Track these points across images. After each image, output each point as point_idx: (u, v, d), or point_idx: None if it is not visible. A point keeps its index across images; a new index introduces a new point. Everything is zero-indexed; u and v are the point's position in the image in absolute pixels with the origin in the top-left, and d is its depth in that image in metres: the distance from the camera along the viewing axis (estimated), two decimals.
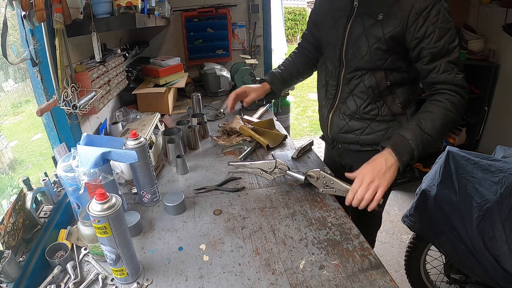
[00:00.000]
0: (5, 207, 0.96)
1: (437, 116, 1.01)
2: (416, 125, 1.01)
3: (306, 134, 4.61)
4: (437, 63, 1.01)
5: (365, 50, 1.08)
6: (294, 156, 1.36)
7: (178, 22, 2.61)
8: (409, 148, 0.99)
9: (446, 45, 0.98)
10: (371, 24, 1.05)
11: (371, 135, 1.20)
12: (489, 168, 1.28)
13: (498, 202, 1.23)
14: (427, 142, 1.00)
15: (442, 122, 1.01)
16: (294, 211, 1.07)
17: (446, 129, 1.03)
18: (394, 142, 1.01)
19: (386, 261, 2.18)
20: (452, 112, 1.01)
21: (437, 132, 1.01)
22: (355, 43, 1.10)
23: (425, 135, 1.00)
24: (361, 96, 1.16)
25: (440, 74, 1.02)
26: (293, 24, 11.09)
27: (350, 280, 0.80)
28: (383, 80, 1.11)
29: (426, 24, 0.97)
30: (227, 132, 1.64)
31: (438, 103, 1.03)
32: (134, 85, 1.99)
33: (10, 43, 1.08)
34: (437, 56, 1.00)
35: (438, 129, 1.01)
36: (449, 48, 0.99)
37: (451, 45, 0.99)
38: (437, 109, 1.02)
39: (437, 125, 1.00)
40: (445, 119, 1.01)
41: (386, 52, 1.06)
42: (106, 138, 1.13)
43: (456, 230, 1.38)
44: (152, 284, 0.82)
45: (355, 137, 1.22)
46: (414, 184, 2.87)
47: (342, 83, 1.19)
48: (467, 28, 2.84)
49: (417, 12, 0.97)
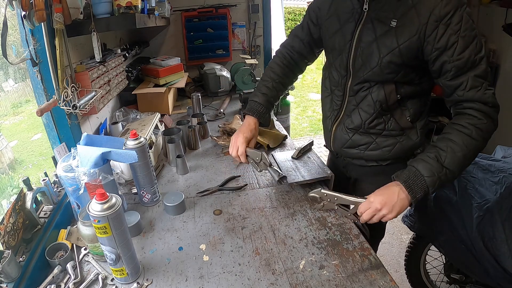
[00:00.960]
0: (5, 207, 0.96)
1: (459, 147, 0.89)
2: (435, 157, 0.89)
3: (306, 134, 4.61)
4: (464, 78, 0.89)
5: (375, 62, 0.97)
6: (294, 156, 1.36)
7: (178, 22, 2.61)
8: (423, 186, 0.89)
9: (472, 56, 0.86)
10: (384, 32, 0.93)
11: (376, 150, 1.10)
12: (489, 168, 1.28)
13: (498, 202, 1.23)
14: (445, 178, 0.89)
15: (464, 153, 0.89)
16: (294, 211, 1.07)
17: (468, 160, 0.91)
18: (408, 177, 0.90)
19: (386, 261, 2.18)
20: (477, 140, 0.89)
21: (458, 165, 0.89)
22: (364, 52, 0.98)
23: (443, 170, 0.88)
24: (367, 110, 1.05)
25: (467, 91, 0.89)
26: (293, 24, 11.09)
27: (350, 280, 0.80)
28: (393, 93, 1.00)
29: (448, 32, 0.85)
30: (227, 132, 1.64)
31: (463, 129, 0.90)
32: (134, 85, 1.99)
33: (10, 43, 1.08)
34: (463, 69, 0.88)
35: (460, 161, 0.89)
36: (475, 60, 0.87)
37: (478, 56, 0.87)
38: (460, 137, 0.89)
39: (458, 157, 0.88)
40: (468, 150, 0.89)
41: (400, 66, 0.95)
42: (106, 138, 1.13)
43: (456, 230, 1.38)
44: (152, 284, 0.82)
45: (360, 152, 1.12)
46: None
47: (348, 94, 1.08)
48: None
49: (437, 19, 0.85)
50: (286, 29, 10.26)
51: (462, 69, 0.88)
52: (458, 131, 0.91)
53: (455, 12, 0.84)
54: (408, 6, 0.88)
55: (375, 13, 0.94)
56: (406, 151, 1.09)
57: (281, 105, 2.99)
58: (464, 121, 0.91)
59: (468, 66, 0.88)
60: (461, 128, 0.90)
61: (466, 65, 0.87)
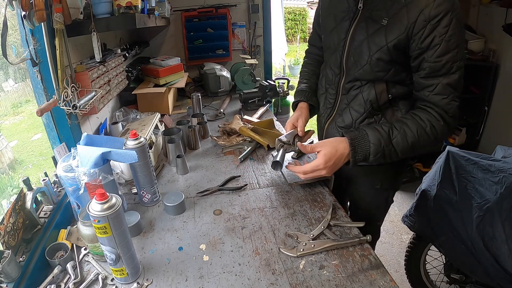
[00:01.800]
0: (5, 207, 0.96)
1: (412, 134, 0.93)
2: (387, 131, 0.94)
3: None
4: (435, 81, 0.91)
5: (365, 59, 0.98)
6: (294, 156, 1.36)
7: (178, 22, 2.61)
8: (366, 150, 0.94)
9: (450, 62, 0.87)
10: (375, 30, 0.94)
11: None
12: (489, 168, 1.28)
13: (498, 202, 1.23)
14: (388, 153, 0.94)
15: (413, 141, 0.93)
16: (294, 211, 1.07)
17: (414, 149, 0.95)
18: (356, 137, 0.95)
19: (386, 261, 2.18)
20: (429, 136, 0.93)
21: (404, 148, 0.94)
22: (356, 50, 1.00)
23: (390, 145, 0.93)
24: (358, 109, 1.06)
25: (434, 95, 0.92)
26: (293, 24, 11.10)
27: (350, 280, 0.80)
28: (384, 93, 1.01)
29: (434, 33, 0.86)
30: (227, 132, 1.64)
31: (420, 121, 0.94)
32: (134, 85, 1.99)
33: (10, 43, 1.08)
34: (437, 72, 0.90)
35: (406, 146, 0.94)
36: (452, 67, 0.88)
37: (456, 64, 0.88)
38: (415, 126, 0.94)
39: (407, 141, 0.93)
40: (418, 140, 0.93)
41: (389, 63, 0.96)
42: (106, 138, 1.13)
43: (456, 230, 1.38)
44: (152, 284, 0.82)
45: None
46: (414, 184, 2.85)
47: (341, 92, 1.10)
48: (467, 28, 2.85)
49: (426, 19, 0.85)
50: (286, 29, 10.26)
51: (436, 72, 0.90)
52: (415, 120, 0.94)
53: (445, 15, 0.84)
54: (401, 5, 0.89)
55: (369, 12, 0.96)
56: None
57: (281, 105, 2.99)
58: (423, 115, 0.94)
59: (442, 71, 0.89)
60: (418, 120, 0.94)
61: (441, 69, 0.89)
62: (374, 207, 1.27)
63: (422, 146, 0.95)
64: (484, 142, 3.00)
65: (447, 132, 0.95)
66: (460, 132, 3.02)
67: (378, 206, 1.28)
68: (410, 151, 0.95)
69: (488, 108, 2.88)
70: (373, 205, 1.27)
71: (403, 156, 0.96)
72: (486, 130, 2.95)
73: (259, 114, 1.93)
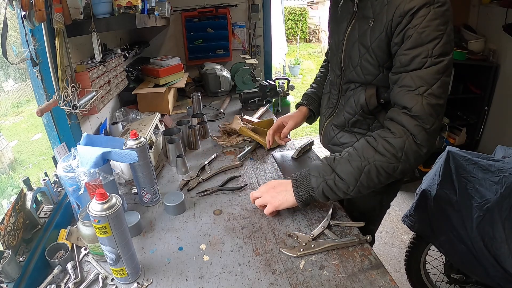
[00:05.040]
0: (5, 207, 0.96)
1: (356, 157, 0.83)
2: (331, 160, 0.87)
3: (306, 134, 4.61)
4: (402, 75, 0.81)
5: (356, 61, 0.96)
6: (294, 156, 1.36)
7: (178, 22, 2.61)
8: (308, 186, 0.88)
9: (421, 56, 0.78)
10: (363, 31, 0.91)
11: None
12: (489, 168, 1.28)
13: (498, 202, 1.23)
14: (332, 183, 0.84)
15: (358, 165, 0.82)
16: (294, 211, 1.07)
17: (366, 174, 0.82)
18: (299, 175, 0.92)
19: (386, 261, 2.18)
20: (383, 155, 0.80)
21: (350, 175, 0.83)
22: (350, 51, 0.98)
23: (332, 174, 0.84)
24: (349, 111, 1.06)
25: (397, 88, 0.82)
26: (293, 24, 11.10)
27: (350, 280, 0.80)
28: (373, 98, 0.96)
29: (408, 26, 0.79)
30: (227, 132, 1.64)
31: (370, 139, 0.84)
32: (134, 85, 1.99)
33: (10, 43, 1.08)
34: (405, 67, 0.81)
35: (351, 171, 0.83)
36: (424, 62, 0.78)
37: (429, 59, 0.78)
38: (361, 147, 0.84)
39: (351, 166, 0.82)
40: (365, 162, 0.81)
41: (376, 68, 0.92)
42: (106, 138, 1.13)
43: (456, 230, 1.38)
44: (152, 284, 0.82)
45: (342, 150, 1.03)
46: (414, 184, 2.87)
47: (341, 94, 1.10)
48: (467, 28, 2.85)
49: (401, 14, 0.80)
50: (286, 29, 10.26)
51: (405, 67, 0.81)
52: (365, 140, 0.86)
53: (421, 7, 0.77)
54: (383, 4, 0.85)
55: (362, 13, 0.93)
56: None
57: (281, 105, 2.99)
58: (379, 131, 0.86)
59: (412, 66, 0.80)
60: (369, 138, 0.85)
61: (410, 64, 0.80)
62: (368, 209, 1.23)
63: (378, 168, 0.81)
64: (484, 142, 3.00)
65: (413, 146, 0.79)
66: (460, 132, 3.02)
67: (373, 209, 1.25)
68: (363, 176, 0.82)
69: (488, 108, 2.88)
70: (367, 208, 1.23)
71: (356, 182, 0.83)
72: (486, 130, 2.95)
73: (259, 114, 1.93)
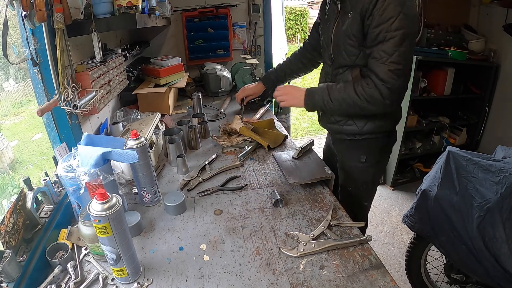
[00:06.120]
0: (5, 207, 0.96)
1: (343, 91, 1.16)
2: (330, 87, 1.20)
3: (307, 134, 4.61)
4: (373, 49, 1.07)
5: (341, 47, 1.18)
6: (294, 156, 1.36)
7: (179, 22, 2.61)
8: (313, 99, 1.24)
9: (383, 32, 1.03)
10: (346, 23, 1.14)
11: (352, 126, 1.28)
12: (489, 168, 1.28)
13: (499, 202, 1.23)
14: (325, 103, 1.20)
15: (343, 96, 1.15)
16: (294, 211, 1.07)
17: (346, 105, 1.16)
18: (310, 90, 1.26)
19: (387, 261, 2.18)
20: (359, 97, 1.12)
21: (336, 101, 1.17)
22: (337, 41, 1.21)
23: (327, 97, 1.19)
24: None
25: (371, 59, 1.09)
26: (294, 24, 11.09)
27: (350, 280, 0.80)
28: (357, 77, 1.17)
29: (373, 10, 1.03)
30: (228, 132, 1.64)
31: (355, 84, 1.14)
32: (134, 85, 1.99)
33: (11, 43, 1.08)
34: (373, 41, 1.06)
35: (337, 99, 1.17)
36: (385, 36, 1.03)
37: (388, 33, 1.02)
38: (348, 86, 1.15)
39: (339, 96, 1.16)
40: (348, 97, 1.14)
41: (357, 48, 1.14)
42: (107, 138, 1.13)
43: (456, 230, 1.38)
44: (152, 284, 0.82)
45: (339, 127, 1.32)
46: (415, 184, 2.87)
47: (333, 80, 1.30)
48: (468, 28, 2.84)
49: (369, 1, 1.03)
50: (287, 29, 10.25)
51: (372, 41, 1.07)
52: (352, 83, 1.15)
53: None
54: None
55: (343, 11, 1.16)
56: (378, 126, 1.26)
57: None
58: (362, 80, 1.14)
59: (377, 40, 1.05)
60: (354, 83, 1.15)
61: (375, 39, 1.05)
62: (361, 183, 1.40)
63: (353, 103, 1.14)
64: (485, 142, 2.99)
65: (377, 97, 1.09)
66: (460, 132, 3.02)
67: (365, 183, 1.41)
68: (344, 105, 1.17)
69: (488, 108, 2.87)
70: (360, 181, 1.40)
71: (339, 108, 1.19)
72: (487, 130, 2.95)
73: (259, 115, 1.93)
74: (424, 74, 2.67)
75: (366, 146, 1.29)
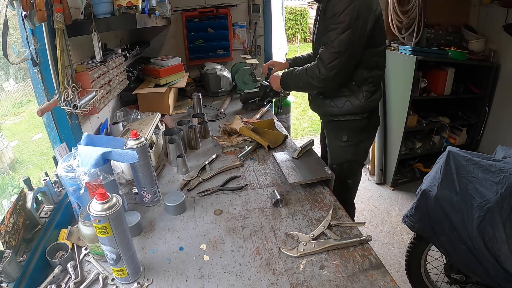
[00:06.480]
0: (5, 207, 0.96)
1: (300, 72, 1.42)
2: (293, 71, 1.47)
3: (307, 134, 4.61)
4: (323, 38, 1.32)
5: (319, 39, 1.38)
6: (294, 156, 1.36)
7: (179, 22, 2.61)
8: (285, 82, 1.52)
9: (331, 24, 1.26)
10: (320, 20, 1.37)
11: (333, 108, 1.48)
12: (489, 168, 1.28)
13: (499, 202, 1.23)
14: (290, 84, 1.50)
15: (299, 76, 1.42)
16: (294, 211, 1.07)
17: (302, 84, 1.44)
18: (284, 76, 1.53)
19: (387, 261, 2.17)
20: (307, 74, 1.37)
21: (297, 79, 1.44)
22: (317, 36, 1.43)
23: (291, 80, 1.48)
24: None
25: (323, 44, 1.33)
26: (294, 24, 11.08)
27: (350, 280, 0.80)
28: None
29: (327, 9, 1.28)
30: (228, 132, 1.64)
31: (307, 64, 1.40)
32: (134, 85, 1.99)
33: (11, 43, 1.08)
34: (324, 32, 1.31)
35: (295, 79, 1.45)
36: (332, 27, 1.26)
37: (333, 25, 1.25)
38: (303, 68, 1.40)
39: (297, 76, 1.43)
40: (301, 77, 1.41)
41: None
42: (107, 138, 1.13)
43: (456, 230, 1.38)
44: (152, 284, 0.82)
45: (324, 110, 1.53)
46: (415, 184, 2.86)
47: None
48: (468, 28, 2.84)
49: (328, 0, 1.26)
50: (287, 29, 10.25)
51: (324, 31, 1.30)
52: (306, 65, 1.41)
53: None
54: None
55: (321, 10, 1.36)
56: (355, 108, 1.43)
57: (282, 105, 2.99)
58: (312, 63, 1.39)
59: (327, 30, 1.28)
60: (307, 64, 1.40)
61: (327, 28, 1.28)
62: (343, 161, 1.56)
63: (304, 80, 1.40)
64: (485, 142, 2.99)
65: (315, 72, 1.34)
66: (460, 132, 3.01)
67: (348, 161, 1.56)
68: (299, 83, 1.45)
69: (488, 108, 2.87)
70: (343, 159, 1.56)
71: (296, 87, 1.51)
72: (487, 130, 2.94)
73: (260, 115, 1.93)
74: (424, 74, 2.67)
75: (347, 127, 1.48)
